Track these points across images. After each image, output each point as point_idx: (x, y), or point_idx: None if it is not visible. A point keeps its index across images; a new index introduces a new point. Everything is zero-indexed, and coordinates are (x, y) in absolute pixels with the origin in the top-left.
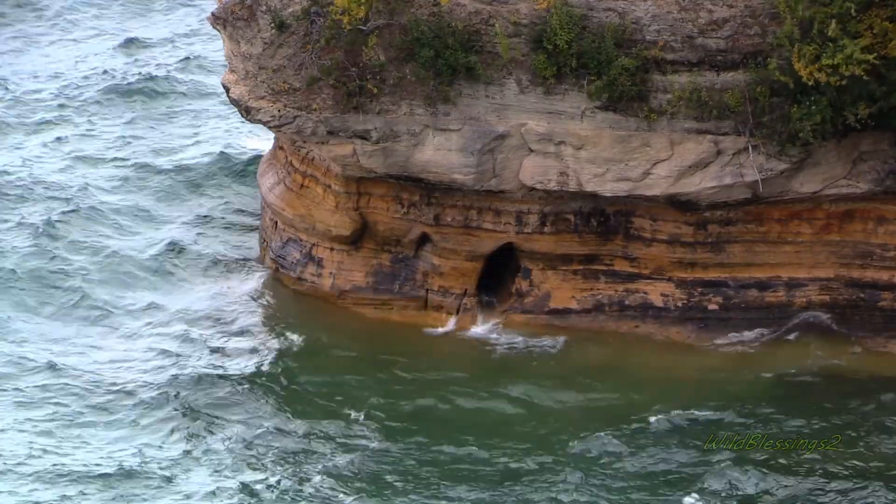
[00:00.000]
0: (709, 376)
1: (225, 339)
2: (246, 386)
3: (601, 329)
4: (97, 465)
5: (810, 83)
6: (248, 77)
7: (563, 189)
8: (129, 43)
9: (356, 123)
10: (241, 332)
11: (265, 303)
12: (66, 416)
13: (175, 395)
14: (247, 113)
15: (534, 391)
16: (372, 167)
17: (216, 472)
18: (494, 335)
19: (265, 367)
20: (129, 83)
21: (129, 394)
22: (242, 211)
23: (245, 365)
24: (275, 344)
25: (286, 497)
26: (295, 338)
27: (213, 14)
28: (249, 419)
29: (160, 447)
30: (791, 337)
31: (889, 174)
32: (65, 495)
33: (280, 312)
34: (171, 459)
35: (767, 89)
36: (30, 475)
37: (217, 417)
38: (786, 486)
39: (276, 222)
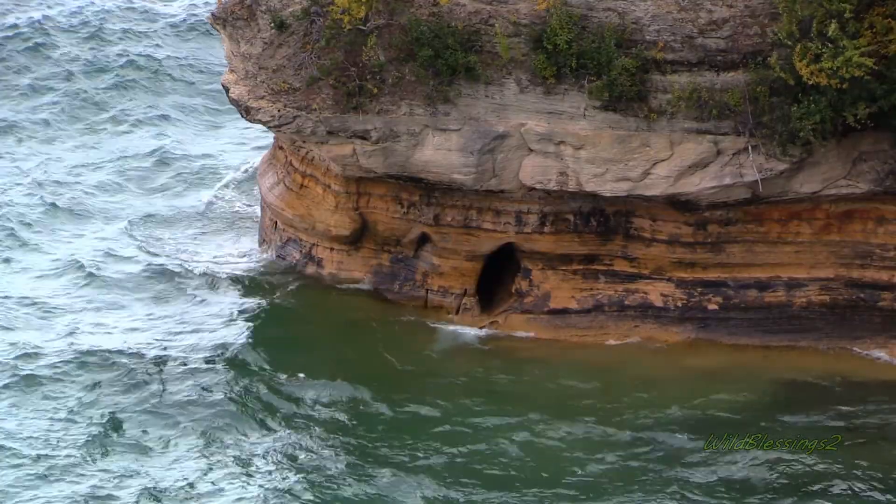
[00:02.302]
0: (708, 377)
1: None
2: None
3: (600, 329)
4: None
5: (810, 83)
6: (247, 77)
7: (563, 189)
8: None
9: (356, 123)
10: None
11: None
12: (60, 402)
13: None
14: (246, 113)
15: (528, 391)
16: (372, 167)
17: (204, 465)
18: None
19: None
20: None
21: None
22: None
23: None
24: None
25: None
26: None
27: (212, 14)
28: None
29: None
30: (791, 337)
31: (889, 174)
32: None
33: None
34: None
35: (767, 89)
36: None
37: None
38: (786, 486)
39: (276, 222)
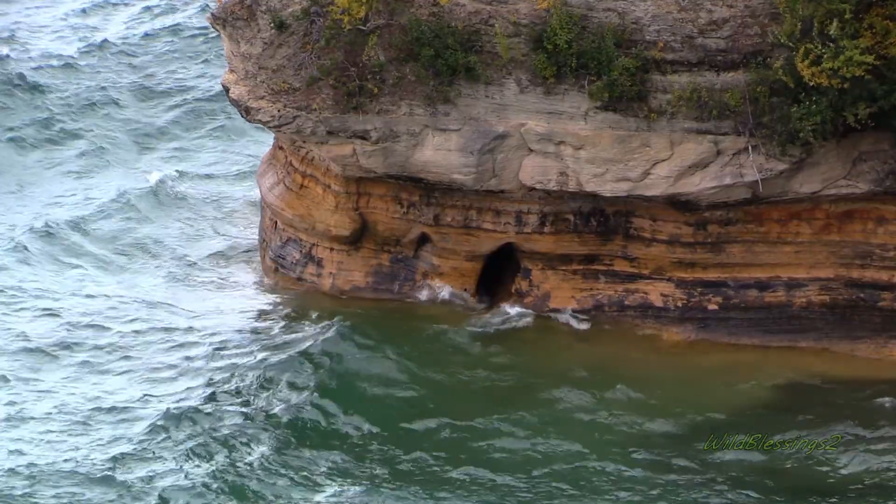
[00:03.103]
0: (708, 377)
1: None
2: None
3: (601, 329)
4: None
5: (812, 84)
6: (247, 77)
7: (563, 189)
8: None
9: (356, 123)
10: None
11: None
12: (71, 416)
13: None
14: (246, 113)
15: (528, 389)
16: (371, 167)
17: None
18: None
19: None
20: None
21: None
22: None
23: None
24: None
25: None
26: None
27: (212, 14)
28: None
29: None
30: (791, 337)
31: (889, 174)
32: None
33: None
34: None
35: (767, 89)
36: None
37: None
38: (785, 486)
39: (276, 222)
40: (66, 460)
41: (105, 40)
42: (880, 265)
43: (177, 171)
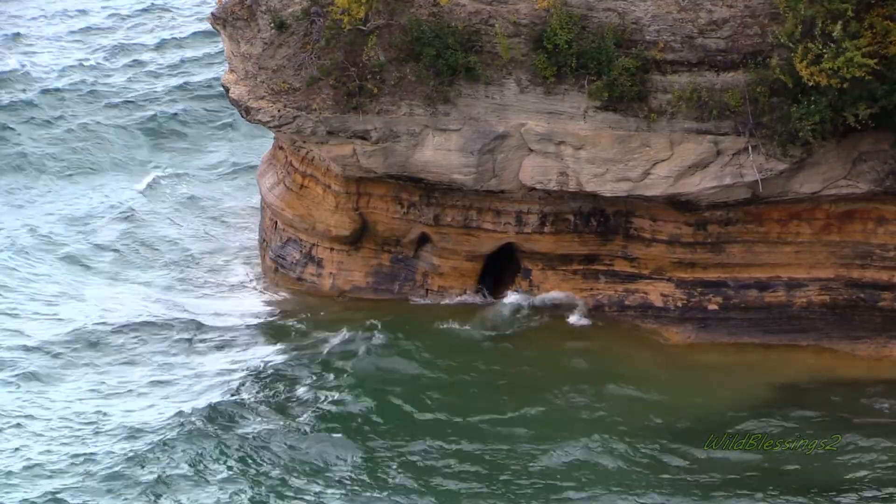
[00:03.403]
0: (707, 377)
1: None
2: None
3: (602, 328)
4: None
5: (811, 84)
6: (247, 77)
7: (563, 189)
8: None
9: (356, 123)
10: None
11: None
12: (76, 418)
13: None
14: (246, 113)
15: (529, 388)
16: (372, 167)
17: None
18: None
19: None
20: None
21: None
22: None
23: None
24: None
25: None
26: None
27: (212, 14)
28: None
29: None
30: (791, 337)
31: (889, 174)
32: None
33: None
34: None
35: (767, 89)
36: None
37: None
38: (786, 487)
39: (276, 222)
40: (72, 462)
41: (107, 42)
42: (880, 265)
43: (177, 171)
